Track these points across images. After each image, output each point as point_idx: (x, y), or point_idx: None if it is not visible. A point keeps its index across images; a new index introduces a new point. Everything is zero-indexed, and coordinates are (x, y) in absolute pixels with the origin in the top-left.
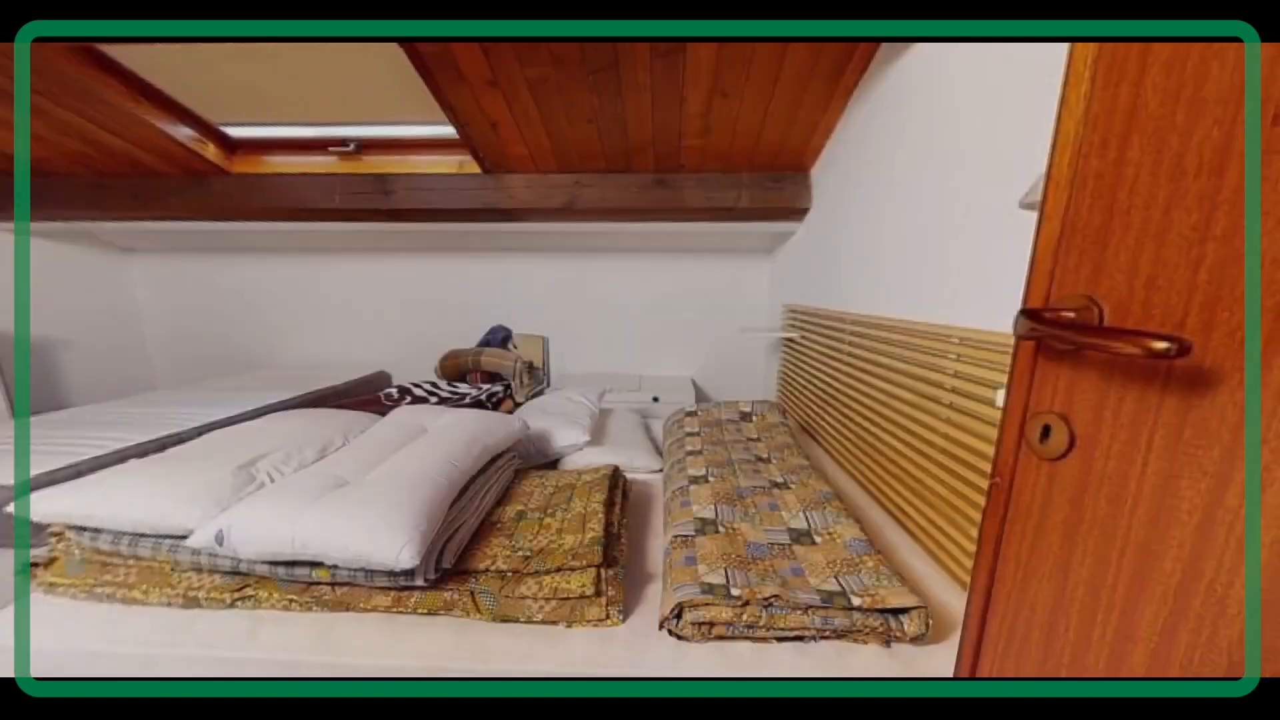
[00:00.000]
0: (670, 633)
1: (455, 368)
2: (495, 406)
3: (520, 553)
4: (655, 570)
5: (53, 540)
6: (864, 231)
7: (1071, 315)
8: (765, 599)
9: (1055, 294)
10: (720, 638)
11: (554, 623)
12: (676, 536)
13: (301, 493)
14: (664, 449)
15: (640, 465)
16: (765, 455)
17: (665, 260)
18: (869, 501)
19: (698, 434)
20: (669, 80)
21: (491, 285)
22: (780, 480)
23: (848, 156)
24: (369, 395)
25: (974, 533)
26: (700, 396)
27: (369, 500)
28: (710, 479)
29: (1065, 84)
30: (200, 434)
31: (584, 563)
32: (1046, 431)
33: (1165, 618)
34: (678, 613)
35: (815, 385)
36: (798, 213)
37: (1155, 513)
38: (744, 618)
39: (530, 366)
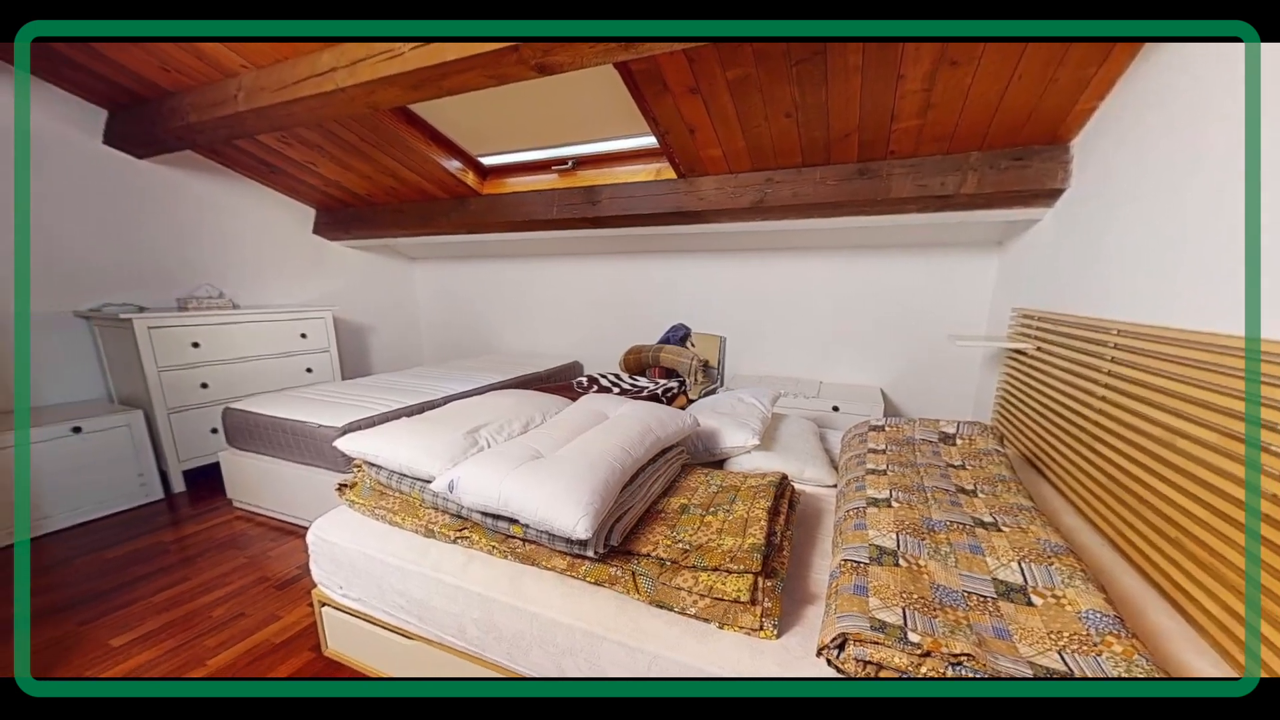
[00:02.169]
0: (829, 663)
1: (636, 362)
2: (669, 401)
3: (680, 544)
4: (819, 591)
5: (355, 469)
6: (1152, 214)
7: None
8: (954, 655)
9: None
10: None
11: (706, 620)
12: (847, 560)
13: (508, 459)
14: (840, 464)
15: (810, 477)
16: (970, 486)
17: (859, 257)
18: (1122, 565)
19: (882, 451)
20: (884, 58)
21: (674, 285)
22: (988, 519)
23: (1133, 117)
24: (564, 382)
25: None
26: (890, 410)
27: (557, 474)
28: (894, 504)
29: None
30: (446, 402)
31: (741, 567)
32: None
33: None
34: (840, 643)
35: (1052, 410)
36: (1045, 195)
37: None
38: (922, 670)
39: (705, 365)
